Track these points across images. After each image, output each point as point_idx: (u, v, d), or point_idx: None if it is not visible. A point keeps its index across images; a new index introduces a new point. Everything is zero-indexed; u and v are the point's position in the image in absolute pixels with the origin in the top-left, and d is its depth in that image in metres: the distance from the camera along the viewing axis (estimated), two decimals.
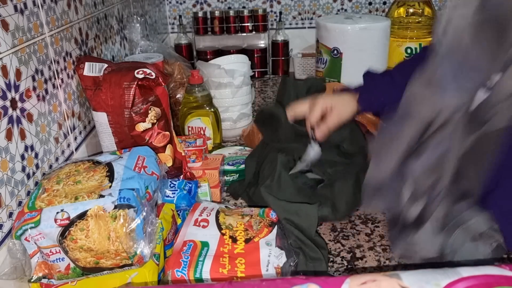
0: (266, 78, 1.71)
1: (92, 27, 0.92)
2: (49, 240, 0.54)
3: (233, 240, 0.62)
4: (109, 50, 1.03)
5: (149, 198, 0.59)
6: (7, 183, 0.57)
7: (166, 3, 1.78)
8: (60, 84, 0.75)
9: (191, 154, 0.87)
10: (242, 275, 0.57)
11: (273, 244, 0.61)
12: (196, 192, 0.77)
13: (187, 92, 1.02)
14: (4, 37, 0.58)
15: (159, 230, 0.62)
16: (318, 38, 1.38)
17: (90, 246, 0.54)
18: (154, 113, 0.74)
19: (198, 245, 0.62)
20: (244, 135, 1.09)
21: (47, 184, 0.59)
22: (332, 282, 0.35)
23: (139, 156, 0.65)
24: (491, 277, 0.34)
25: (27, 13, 0.64)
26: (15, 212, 0.59)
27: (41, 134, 0.67)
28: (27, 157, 0.63)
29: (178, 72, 1.16)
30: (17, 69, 0.61)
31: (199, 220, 0.66)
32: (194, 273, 0.57)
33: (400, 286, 0.34)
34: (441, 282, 0.34)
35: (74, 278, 0.57)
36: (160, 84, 0.73)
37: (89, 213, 0.53)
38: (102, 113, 0.73)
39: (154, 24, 1.56)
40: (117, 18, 1.12)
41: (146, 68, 0.72)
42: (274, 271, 0.58)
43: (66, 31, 0.78)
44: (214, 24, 1.67)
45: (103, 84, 0.72)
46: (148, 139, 0.74)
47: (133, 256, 0.55)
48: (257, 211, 0.68)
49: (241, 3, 1.76)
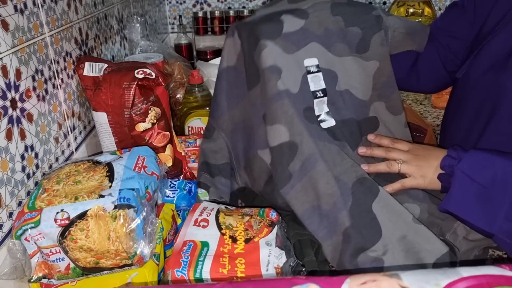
0: None
1: (92, 27, 0.92)
2: (49, 240, 0.54)
3: (233, 240, 0.62)
4: (109, 50, 1.03)
5: (149, 198, 0.59)
6: (7, 183, 0.57)
7: (166, 3, 1.78)
8: (60, 84, 0.75)
9: (191, 154, 0.87)
10: (242, 275, 0.57)
11: (273, 244, 0.61)
12: (196, 192, 0.77)
13: (187, 92, 1.02)
14: (4, 37, 0.58)
15: (159, 230, 0.62)
16: None
17: (90, 246, 0.54)
18: (154, 113, 0.74)
19: (198, 245, 0.62)
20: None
21: (47, 184, 0.59)
22: (332, 282, 0.35)
23: (139, 156, 0.65)
24: (491, 277, 0.34)
25: (27, 13, 0.64)
26: (15, 212, 0.59)
27: (41, 134, 0.67)
28: (27, 157, 0.63)
29: (178, 72, 1.16)
30: (17, 69, 0.61)
31: (199, 220, 0.66)
32: (194, 273, 0.57)
33: (400, 286, 0.34)
34: (441, 282, 0.34)
35: (74, 278, 0.57)
36: (160, 84, 0.73)
37: (89, 213, 0.53)
38: (102, 113, 0.73)
39: (154, 24, 1.56)
40: (117, 18, 1.11)
41: (146, 68, 0.72)
42: (274, 271, 0.58)
43: (66, 31, 0.78)
44: (214, 24, 1.67)
45: (103, 84, 0.72)
46: (148, 139, 0.74)
47: (133, 256, 0.55)
48: (257, 211, 0.68)
49: (241, 3, 1.76)
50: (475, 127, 0.75)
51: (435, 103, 1.29)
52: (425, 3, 1.48)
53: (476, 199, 0.61)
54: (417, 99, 1.37)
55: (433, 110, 1.29)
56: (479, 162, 0.62)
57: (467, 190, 0.62)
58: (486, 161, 0.62)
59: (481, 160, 0.63)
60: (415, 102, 1.35)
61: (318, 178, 0.67)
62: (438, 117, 1.22)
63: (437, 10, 1.69)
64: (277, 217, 0.66)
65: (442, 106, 1.24)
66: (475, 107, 0.75)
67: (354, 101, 0.75)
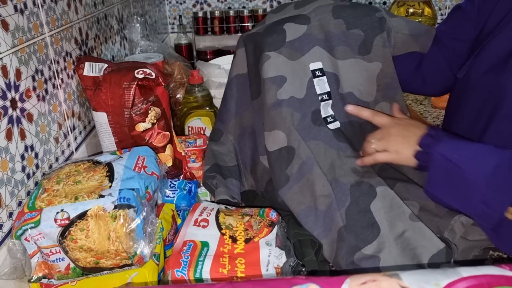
0: None
1: (92, 27, 0.92)
2: (49, 240, 0.54)
3: (233, 240, 0.62)
4: (109, 50, 1.03)
5: (149, 198, 0.59)
6: (7, 183, 0.57)
7: (166, 3, 1.78)
8: (60, 84, 0.75)
9: (191, 154, 0.87)
10: (242, 275, 0.57)
11: (273, 244, 0.61)
12: (196, 192, 0.77)
13: (187, 92, 1.02)
14: (4, 37, 0.58)
15: (159, 230, 0.62)
16: None
17: (90, 246, 0.54)
18: (154, 113, 0.74)
19: (198, 245, 0.62)
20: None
21: (47, 184, 0.59)
22: (332, 282, 0.35)
23: (139, 156, 0.65)
24: (491, 277, 0.34)
25: (27, 13, 0.64)
26: (15, 212, 0.59)
27: (41, 134, 0.67)
28: (27, 157, 0.63)
29: (178, 72, 1.16)
30: (17, 69, 0.61)
31: (199, 220, 0.66)
32: (194, 273, 0.57)
33: (400, 286, 0.34)
34: (441, 282, 0.34)
35: (74, 278, 0.57)
36: (160, 84, 0.73)
37: (89, 213, 0.53)
38: (102, 113, 0.73)
39: (154, 24, 1.56)
40: (117, 18, 1.11)
41: (146, 68, 0.72)
42: (274, 271, 0.58)
43: (66, 31, 0.78)
44: (214, 24, 1.67)
45: (103, 84, 0.72)
46: (148, 139, 0.74)
47: (133, 256, 0.55)
48: (257, 211, 0.68)
49: (241, 3, 1.76)
50: (475, 127, 0.74)
51: (435, 103, 1.29)
52: (425, 3, 1.48)
53: (452, 180, 0.62)
54: (417, 99, 1.37)
55: (433, 110, 1.28)
56: (457, 144, 0.63)
57: (444, 170, 0.63)
58: (464, 143, 0.63)
59: (459, 142, 0.64)
60: (415, 102, 1.35)
61: (314, 181, 0.68)
62: (438, 117, 1.22)
63: (437, 10, 1.69)
64: (277, 217, 0.66)
65: (442, 106, 1.24)
66: (476, 108, 0.75)
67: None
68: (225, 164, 0.84)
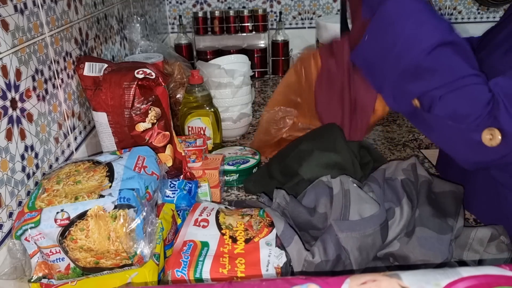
0: (266, 78, 1.71)
1: (92, 27, 0.92)
2: (49, 240, 0.54)
3: (233, 240, 0.62)
4: (109, 50, 1.03)
5: (149, 198, 0.59)
6: (7, 183, 0.57)
7: (166, 3, 1.78)
8: (60, 84, 0.75)
9: (191, 154, 0.87)
10: (242, 275, 0.57)
11: (273, 244, 0.61)
12: (196, 192, 0.77)
13: (187, 92, 1.02)
14: (4, 37, 0.58)
15: (159, 230, 0.62)
16: (318, 38, 1.38)
17: (90, 246, 0.54)
18: (154, 113, 0.74)
19: (198, 245, 0.62)
20: (300, 58, 0.96)
21: (47, 184, 0.59)
22: (332, 282, 0.35)
23: (139, 156, 0.65)
24: (491, 277, 0.34)
25: (27, 13, 0.64)
26: (15, 212, 0.59)
27: (41, 134, 0.67)
28: (27, 157, 0.63)
29: (178, 72, 1.16)
30: (17, 69, 0.61)
31: (199, 220, 0.66)
32: (194, 273, 0.58)
33: (400, 286, 0.34)
34: (441, 282, 0.34)
35: (74, 278, 0.57)
36: (160, 84, 0.73)
37: (89, 213, 0.53)
38: (102, 113, 0.73)
39: (154, 24, 1.56)
40: (117, 18, 1.12)
41: (146, 68, 0.72)
42: (274, 271, 0.58)
43: (66, 31, 0.78)
44: (214, 24, 1.67)
45: (103, 84, 0.72)
46: (148, 139, 0.74)
47: (133, 256, 0.55)
48: (257, 211, 0.68)
49: (241, 3, 1.76)
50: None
51: None
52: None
53: (384, 39, 0.64)
54: None
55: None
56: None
57: (383, 23, 0.65)
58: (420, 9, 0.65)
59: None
60: None
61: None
62: None
63: (437, 10, 1.69)
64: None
65: None
66: None
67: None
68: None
